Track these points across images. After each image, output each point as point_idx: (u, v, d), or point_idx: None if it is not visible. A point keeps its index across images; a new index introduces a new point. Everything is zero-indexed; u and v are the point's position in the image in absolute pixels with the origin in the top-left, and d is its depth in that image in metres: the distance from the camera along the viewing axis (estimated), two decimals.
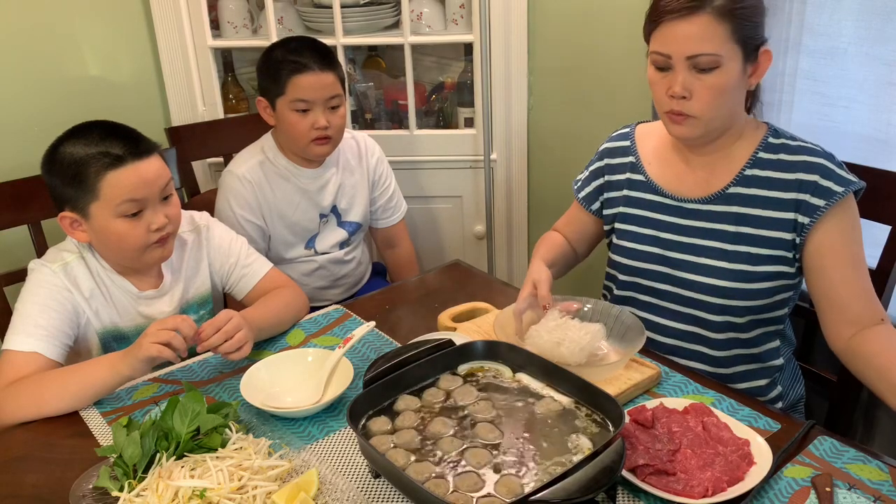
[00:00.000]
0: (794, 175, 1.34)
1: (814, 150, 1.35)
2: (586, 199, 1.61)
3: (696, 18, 1.25)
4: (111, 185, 1.35)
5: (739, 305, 1.39)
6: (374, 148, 2.06)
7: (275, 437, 1.21)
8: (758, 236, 1.36)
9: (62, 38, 2.21)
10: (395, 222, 2.15)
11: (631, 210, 1.51)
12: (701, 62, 1.27)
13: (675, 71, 1.30)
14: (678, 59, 1.28)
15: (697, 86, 1.29)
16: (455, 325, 1.47)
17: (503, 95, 2.36)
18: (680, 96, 1.30)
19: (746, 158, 1.38)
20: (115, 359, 1.33)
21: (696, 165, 1.43)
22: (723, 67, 1.27)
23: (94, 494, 1.08)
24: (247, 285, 1.63)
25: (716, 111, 1.31)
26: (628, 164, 1.53)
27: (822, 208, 1.30)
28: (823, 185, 1.31)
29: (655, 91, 1.35)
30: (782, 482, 1.06)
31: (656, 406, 1.17)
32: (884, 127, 1.66)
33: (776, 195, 1.35)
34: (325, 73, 1.80)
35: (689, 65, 1.28)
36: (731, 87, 1.30)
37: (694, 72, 1.28)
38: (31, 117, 2.16)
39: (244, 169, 1.89)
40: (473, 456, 1.03)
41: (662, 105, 1.35)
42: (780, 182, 1.35)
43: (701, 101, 1.30)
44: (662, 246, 1.45)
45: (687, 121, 1.33)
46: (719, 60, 1.27)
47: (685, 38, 1.27)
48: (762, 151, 1.38)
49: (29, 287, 1.42)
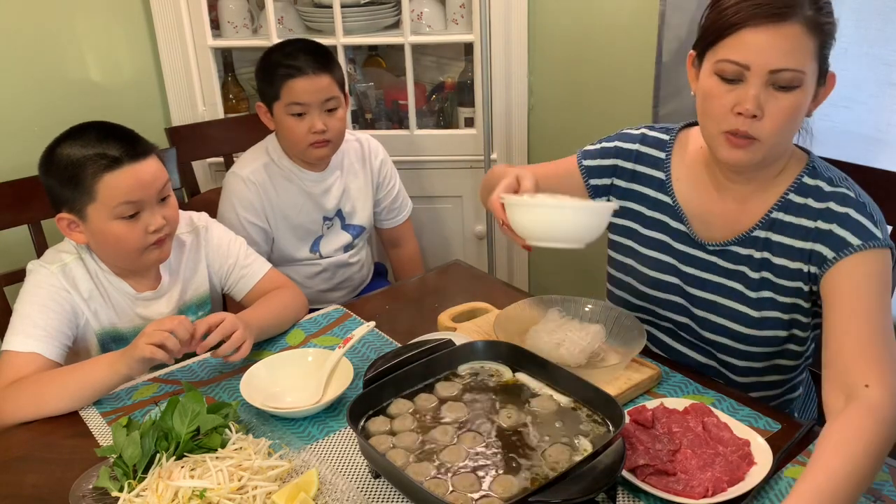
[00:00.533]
0: (815, 223, 1.21)
1: (845, 198, 1.20)
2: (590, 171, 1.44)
3: (786, 27, 1.09)
4: (108, 187, 1.35)
5: (755, 352, 1.31)
6: (377, 149, 2.06)
7: (275, 438, 1.20)
8: (780, 285, 1.25)
9: (62, 39, 2.21)
10: (400, 222, 2.15)
11: (653, 234, 1.39)
12: (783, 78, 1.11)
13: (747, 85, 1.13)
14: (758, 73, 1.11)
15: (772, 105, 1.12)
16: (455, 325, 1.47)
17: (503, 95, 2.36)
18: (751, 115, 1.13)
19: (778, 197, 1.25)
20: (113, 358, 1.33)
21: (727, 194, 1.30)
22: (802, 87, 1.12)
23: (94, 494, 1.08)
24: (246, 286, 1.63)
25: (783, 136, 1.16)
26: (657, 182, 1.38)
27: (830, 260, 1.17)
28: (838, 234, 1.17)
29: (716, 107, 1.17)
30: (782, 482, 1.06)
31: (656, 406, 1.17)
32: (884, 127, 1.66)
33: (799, 245, 1.23)
34: (319, 77, 1.80)
35: (769, 80, 1.12)
36: (802, 111, 1.15)
37: (771, 89, 1.12)
38: (32, 117, 2.16)
39: (248, 171, 1.89)
40: (473, 456, 1.03)
41: (722, 123, 1.17)
42: (803, 230, 1.22)
43: (773, 122, 1.13)
44: (682, 278, 1.35)
45: (750, 145, 1.16)
46: (802, 78, 1.11)
47: (771, 47, 1.10)
48: (793, 193, 1.24)
49: (27, 288, 1.42)
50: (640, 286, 1.42)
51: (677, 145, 1.38)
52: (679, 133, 1.39)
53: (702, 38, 1.19)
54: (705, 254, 1.32)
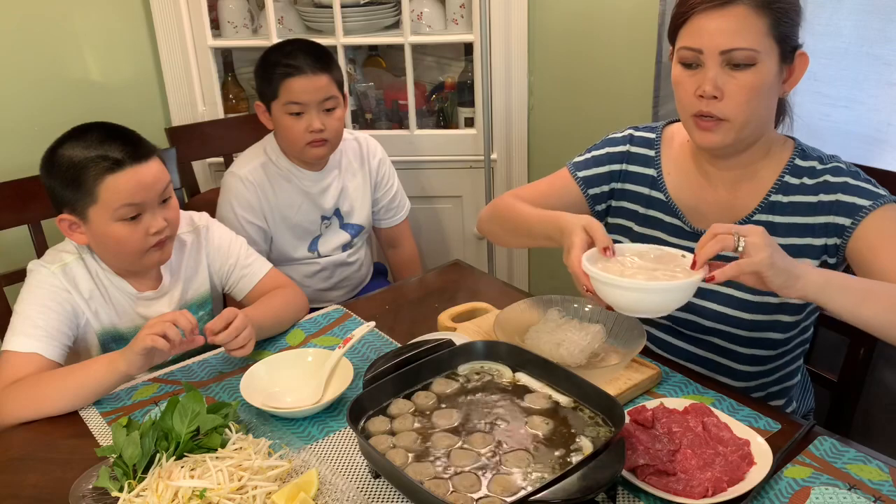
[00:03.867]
0: (817, 197, 1.26)
1: (838, 170, 1.27)
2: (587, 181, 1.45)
3: (731, 10, 1.16)
4: (110, 189, 1.35)
5: (763, 338, 1.33)
6: (376, 149, 2.06)
7: (275, 438, 1.20)
8: None
9: (62, 38, 2.21)
10: (398, 222, 2.15)
11: (646, 230, 1.41)
12: (736, 57, 1.17)
13: (705, 68, 1.20)
14: (710, 55, 1.18)
15: (731, 84, 1.18)
16: (455, 325, 1.47)
17: (503, 95, 2.36)
18: (710, 96, 1.19)
19: (773, 181, 1.29)
20: (113, 356, 1.33)
21: (717, 182, 1.33)
22: (759, 65, 1.17)
23: (94, 494, 1.08)
24: (246, 286, 1.63)
25: (749, 114, 1.20)
26: (648, 179, 1.42)
27: (849, 227, 1.22)
28: (846, 201, 1.23)
29: (681, 92, 1.24)
30: (782, 482, 1.06)
31: (656, 406, 1.17)
32: (884, 127, 1.66)
33: (803, 220, 1.27)
34: (317, 76, 1.80)
35: (723, 61, 1.18)
36: (766, 88, 1.20)
37: (727, 69, 1.18)
38: (32, 117, 2.16)
39: (246, 170, 1.89)
40: (473, 456, 1.03)
41: (689, 107, 1.23)
42: (805, 206, 1.27)
43: (734, 101, 1.19)
44: None
45: (718, 126, 1.22)
46: (756, 56, 1.17)
47: (719, 30, 1.17)
48: (789, 175, 1.29)
49: (28, 288, 1.42)
50: None
51: (664, 141, 1.42)
52: (664, 129, 1.44)
53: (669, 32, 1.27)
54: None
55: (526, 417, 1.11)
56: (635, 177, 1.43)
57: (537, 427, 1.09)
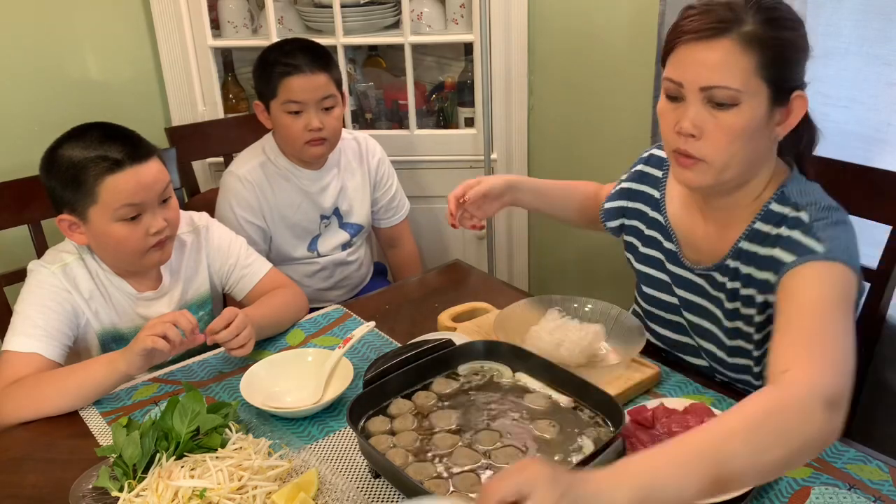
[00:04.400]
0: (771, 252, 1.15)
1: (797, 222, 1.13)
2: (607, 213, 1.46)
3: (717, 43, 1.06)
4: (110, 189, 1.35)
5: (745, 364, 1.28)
6: (375, 149, 2.06)
7: (275, 437, 1.21)
8: (747, 316, 1.22)
9: (62, 38, 2.21)
10: (397, 222, 2.15)
11: (650, 252, 1.38)
12: (717, 96, 1.07)
13: (686, 103, 1.11)
14: (691, 90, 1.09)
15: (710, 124, 1.09)
16: (455, 325, 1.47)
17: (503, 95, 2.36)
18: (688, 134, 1.11)
19: (747, 225, 1.20)
20: (113, 356, 1.33)
21: (709, 217, 1.27)
22: (742, 105, 1.07)
23: (94, 494, 1.08)
24: (246, 286, 1.63)
25: (729, 158, 1.11)
26: (653, 200, 1.38)
27: (789, 264, 1.09)
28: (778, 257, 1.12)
29: (663, 125, 1.15)
30: (782, 482, 1.06)
31: (656, 406, 1.17)
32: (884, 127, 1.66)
33: (757, 274, 1.18)
34: (316, 75, 1.80)
35: (704, 98, 1.09)
36: (751, 131, 1.09)
37: (708, 106, 1.09)
38: (32, 117, 2.16)
39: (245, 170, 1.89)
40: (473, 456, 1.03)
41: (669, 142, 1.15)
42: (762, 260, 1.17)
43: (712, 142, 1.10)
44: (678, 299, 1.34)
45: (696, 165, 1.13)
46: (739, 97, 1.07)
47: (702, 65, 1.08)
48: (760, 221, 1.19)
49: (28, 288, 1.42)
50: (647, 305, 1.42)
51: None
52: None
53: (661, 58, 1.18)
54: (694, 276, 1.30)
55: (526, 417, 1.11)
56: (643, 196, 1.40)
57: (537, 427, 1.09)
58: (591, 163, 2.28)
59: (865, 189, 1.38)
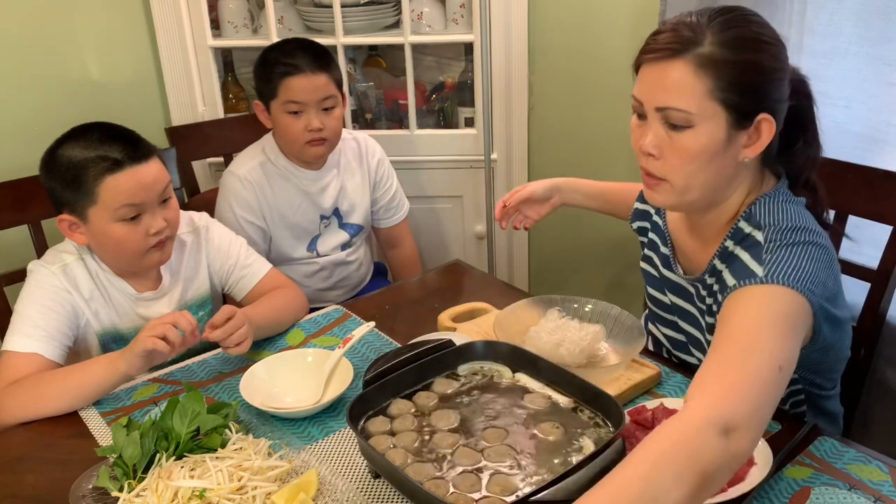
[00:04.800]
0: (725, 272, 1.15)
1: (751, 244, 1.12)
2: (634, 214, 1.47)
3: (672, 64, 1.05)
4: (109, 189, 1.35)
5: None
6: (374, 149, 2.06)
7: (275, 438, 1.20)
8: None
9: (62, 38, 2.21)
10: (397, 222, 2.15)
11: (650, 253, 1.41)
12: (671, 117, 1.07)
13: (648, 122, 1.11)
14: (649, 110, 1.09)
15: (667, 145, 1.09)
16: (455, 325, 1.47)
17: (503, 95, 2.36)
18: (647, 153, 1.11)
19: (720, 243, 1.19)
20: (113, 357, 1.33)
21: (695, 230, 1.27)
22: (697, 128, 1.06)
23: (94, 494, 1.08)
24: (246, 286, 1.63)
25: (687, 178, 1.10)
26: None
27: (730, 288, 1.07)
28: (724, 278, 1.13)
29: (633, 142, 1.15)
30: (782, 483, 1.06)
31: (656, 406, 1.17)
32: (884, 127, 1.66)
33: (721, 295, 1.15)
34: (317, 75, 1.80)
35: (661, 118, 1.08)
36: (710, 154, 1.07)
37: (665, 127, 1.08)
38: (32, 117, 2.16)
39: (245, 170, 1.89)
40: (473, 457, 1.03)
41: (638, 160, 1.15)
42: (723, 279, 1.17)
43: (669, 163, 1.10)
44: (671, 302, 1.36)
45: (659, 185, 1.13)
46: (692, 119, 1.05)
47: (658, 85, 1.07)
48: (729, 239, 1.17)
49: (28, 288, 1.42)
50: (650, 304, 1.44)
51: None
52: None
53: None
54: (685, 283, 1.31)
55: (526, 417, 1.11)
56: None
57: (537, 427, 1.09)
58: (591, 163, 2.28)
59: (865, 189, 1.39)
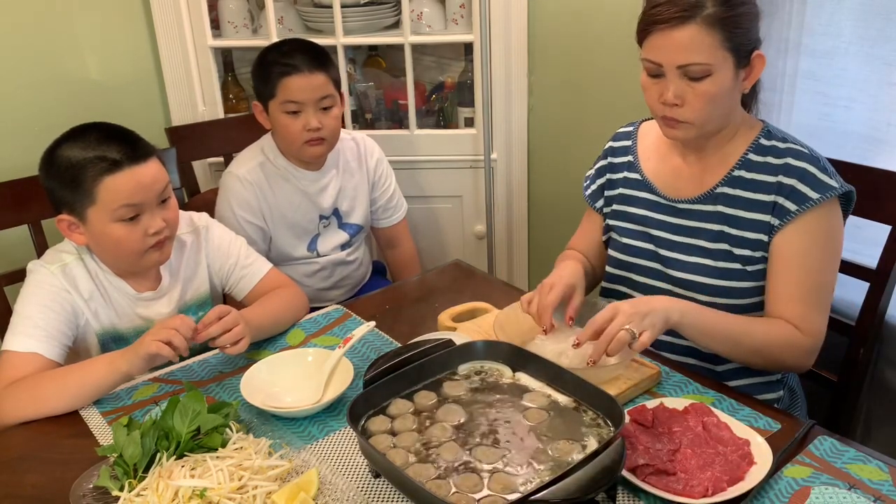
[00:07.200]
0: (776, 178, 1.34)
1: (800, 153, 1.34)
2: (592, 196, 1.61)
3: (686, 28, 1.26)
4: (108, 190, 1.35)
5: (730, 304, 1.38)
6: (373, 149, 2.06)
7: (275, 437, 1.21)
8: (739, 237, 1.37)
9: (62, 38, 2.21)
10: (395, 222, 2.15)
11: (624, 208, 1.52)
12: (692, 71, 1.28)
13: (666, 79, 1.31)
14: (669, 68, 1.29)
15: (689, 93, 1.30)
16: (455, 325, 1.47)
17: (503, 95, 2.36)
18: (672, 104, 1.31)
19: (738, 158, 1.39)
20: (114, 356, 1.33)
21: (691, 161, 1.45)
22: (714, 75, 1.28)
23: (95, 494, 1.08)
24: (246, 286, 1.63)
25: (708, 116, 1.32)
26: (626, 164, 1.54)
27: (792, 213, 1.31)
28: (800, 189, 1.32)
29: (648, 97, 1.36)
30: (782, 482, 1.06)
31: (656, 406, 1.17)
32: (884, 127, 1.66)
33: (758, 197, 1.35)
34: (315, 75, 1.80)
35: (681, 73, 1.29)
36: (724, 92, 1.30)
37: (685, 80, 1.29)
38: (32, 117, 2.16)
39: (244, 170, 1.89)
40: (473, 456, 1.03)
41: (655, 110, 1.36)
42: (764, 185, 1.35)
43: (693, 108, 1.30)
44: (654, 243, 1.47)
45: (681, 125, 1.34)
46: (710, 69, 1.27)
47: (675, 47, 1.27)
48: (752, 153, 1.38)
49: (28, 288, 1.42)
50: (619, 255, 1.53)
51: (641, 133, 1.56)
52: (641, 124, 1.58)
53: (636, 36, 1.35)
54: (673, 217, 1.44)
55: (526, 417, 1.11)
56: (616, 166, 1.56)
57: (537, 427, 1.09)
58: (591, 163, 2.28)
59: (865, 189, 1.39)
